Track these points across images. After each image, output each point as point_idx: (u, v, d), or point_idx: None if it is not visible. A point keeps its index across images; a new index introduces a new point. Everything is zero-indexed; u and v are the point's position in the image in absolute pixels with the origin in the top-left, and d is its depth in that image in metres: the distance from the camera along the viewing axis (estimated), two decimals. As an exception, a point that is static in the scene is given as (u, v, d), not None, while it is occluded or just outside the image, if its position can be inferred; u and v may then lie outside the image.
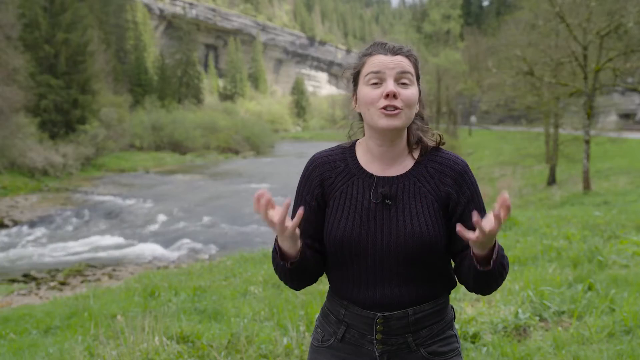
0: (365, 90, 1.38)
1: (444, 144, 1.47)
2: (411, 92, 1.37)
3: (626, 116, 37.44)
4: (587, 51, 15.05)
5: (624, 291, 4.04)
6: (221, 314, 4.46)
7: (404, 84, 1.36)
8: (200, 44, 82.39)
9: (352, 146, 1.51)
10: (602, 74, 15.76)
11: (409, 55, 1.40)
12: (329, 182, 1.46)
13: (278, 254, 1.39)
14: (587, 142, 15.18)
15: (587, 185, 15.21)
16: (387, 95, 1.34)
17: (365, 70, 1.40)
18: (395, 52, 1.38)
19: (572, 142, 19.84)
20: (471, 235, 1.23)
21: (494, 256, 1.29)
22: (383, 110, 1.35)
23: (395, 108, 1.34)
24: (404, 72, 1.36)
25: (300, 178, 1.51)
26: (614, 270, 4.77)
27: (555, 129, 20.24)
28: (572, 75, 16.87)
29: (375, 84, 1.37)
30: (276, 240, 1.38)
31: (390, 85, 1.34)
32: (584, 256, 5.15)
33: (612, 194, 13.81)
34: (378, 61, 1.37)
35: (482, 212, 1.41)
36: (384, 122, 1.35)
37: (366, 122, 1.42)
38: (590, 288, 4.17)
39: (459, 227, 1.23)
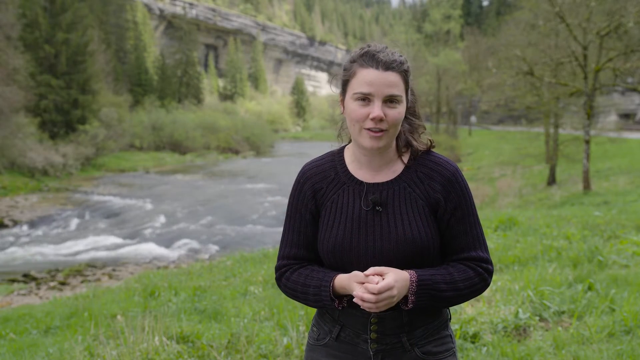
0: (352, 106, 1.36)
1: (434, 147, 1.47)
2: (398, 111, 1.35)
3: (626, 116, 37.44)
4: (587, 51, 15.03)
5: (624, 291, 4.03)
6: (221, 314, 4.46)
7: (391, 102, 1.35)
8: (200, 44, 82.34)
9: (340, 151, 1.51)
10: (602, 74, 15.75)
11: (400, 71, 1.36)
12: (320, 194, 1.46)
13: (333, 300, 1.40)
14: (587, 142, 15.17)
15: (587, 185, 15.20)
16: (373, 119, 1.33)
17: (354, 83, 1.37)
18: (387, 67, 1.34)
19: (572, 142, 19.84)
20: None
21: (409, 299, 1.34)
22: (368, 131, 1.34)
23: (381, 130, 1.34)
24: (392, 95, 1.34)
25: (293, 190, 1.51)
26: (614, 270, 4.77)
27: (555, 129, 20.23)
28: (572, 75, 16.87)
29: (362, 100, 1.35)
30: (333, 285, 1.39)
31: (377, 110, 1.33)
32: (584, 256, 5.14)
33: (612, 194, 13.80)
34: (368, 79, 1.33)
35: (470, 218, 1.42)
36: (367, 143, 1.36)
37: (351, 135, 1.42)
38: (590, 288, 4.16)
39: None
